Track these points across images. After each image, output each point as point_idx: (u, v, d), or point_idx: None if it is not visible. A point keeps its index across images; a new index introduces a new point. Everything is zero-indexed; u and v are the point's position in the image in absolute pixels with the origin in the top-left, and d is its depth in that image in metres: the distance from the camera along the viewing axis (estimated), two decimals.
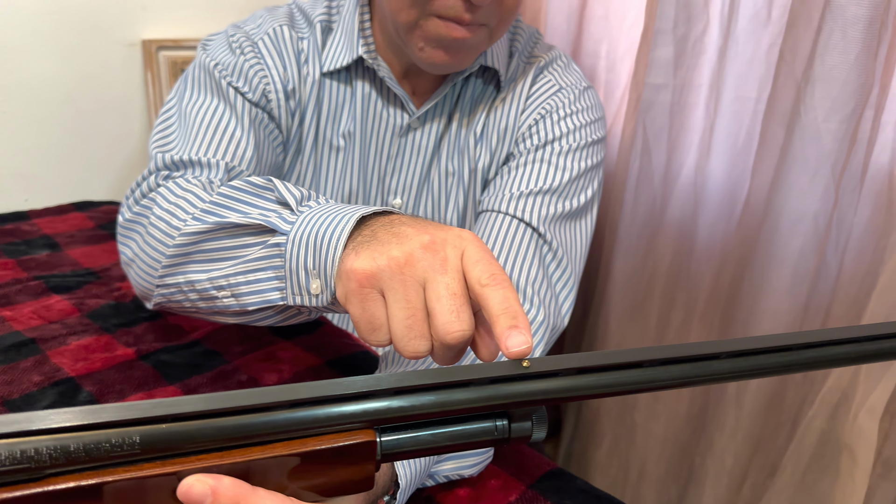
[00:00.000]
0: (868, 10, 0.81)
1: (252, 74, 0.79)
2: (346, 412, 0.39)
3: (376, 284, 0.46)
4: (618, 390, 0.44)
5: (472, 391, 0.41)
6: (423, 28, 0.74)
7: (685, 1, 0.96)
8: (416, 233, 0.47)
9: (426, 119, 0.85)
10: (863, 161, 0.89)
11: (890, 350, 0.50)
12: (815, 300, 0.94)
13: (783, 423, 0.99)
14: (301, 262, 0.52)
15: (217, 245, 0.60)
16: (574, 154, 0.81)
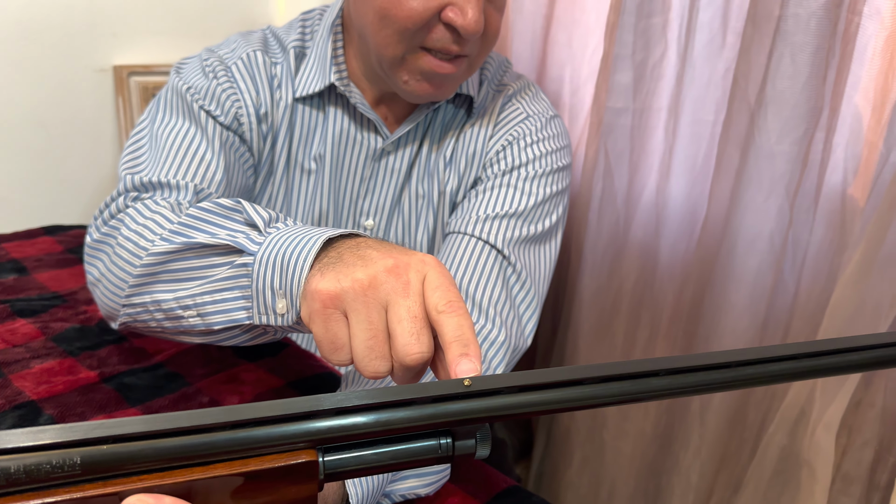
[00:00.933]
0: (815, 36, 0.84)
1: (224, 98, 0.80)
2: (287, 432, 0.39)
3: (340, 305, 0.47)
4: (559, 407, 0.45)
5: (415, 410, 0.42)
6: (409, 62, 0.76)
7: (643, 27, 0.99)
8: (381, 256, 0.49)
9: (399, 144, 0.86)
10: (816, 181, 0.91)
11: (826, 367, 0.52)
12: (774, 317, 0.96)
13: (746, 439, 1.01)
14: (268, 281, 0.54)
15: (184, 265, 0.61)
16: (540, 180, 0.83)
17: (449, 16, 0.71)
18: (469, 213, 0.82)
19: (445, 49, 0.74)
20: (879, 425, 0.91)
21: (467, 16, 0.70)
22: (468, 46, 0.74)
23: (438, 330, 0.45)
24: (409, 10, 0.71)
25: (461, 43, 0.73)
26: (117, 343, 0.86)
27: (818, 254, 0.93)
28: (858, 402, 0.92)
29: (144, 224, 0.66)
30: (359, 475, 0.43)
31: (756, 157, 0.89)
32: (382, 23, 0.74)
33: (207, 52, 0.85)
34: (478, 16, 0.70)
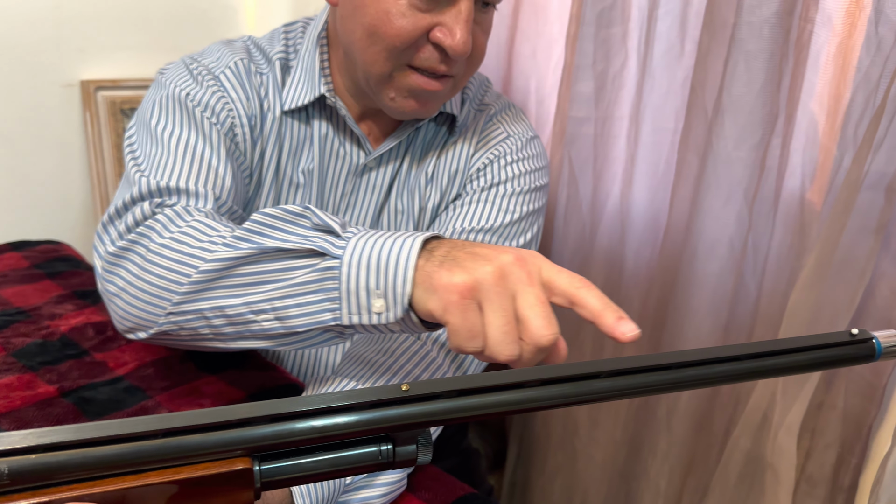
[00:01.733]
0: (768, 43, 0.86)
1: (220, 107, 0.79)
2: (221, 440, 0.39)
3: (476, 296, 0.51)
4: (499, 411, 0.46)
5: (352, 416, 0.42)
6: (396, 80, 0.76)
7: (603, 37, 1.00)
8: (496, 251, 0.54)
9: (382, 160, 0.86)
10: (774, 186, 0.92)
11: (768, 368, 0.52)
12: (737, 321, 0.97)
13: (712, 444, 1.01)
14: (361, 283, 0.56)
15: (256, 269, 0.61)
16: (517, 198, 0.84)
17: (437, 36, 0.71)
18: (447, 226, 0.83)
19: (433, 68, 0.74)
20: (841, 427, 0.92)
21: (455, 37, 0.71)
22: (455, 67, 0.75)
23: (582, 304, 0.51)
24: (398, 28, 0.72)
25: (448, 63, 0.74)
26: (79, 358, 0.86)
27: (778, 258, 0.95)
28: (820, 405, 0.93)
29: (188, 231, 0.65)
30: (297, 483, 0.43)
31: (714, 163, 0.91)
32: (371, 40, 0.74)
33: (191, 59, 0.84)
34: (466, 37, 0.71)
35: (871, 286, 0.87)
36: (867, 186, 0.81)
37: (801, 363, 0.54)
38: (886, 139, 0.79)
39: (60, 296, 1.03)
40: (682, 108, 0.99)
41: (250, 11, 1.52)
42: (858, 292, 0.84)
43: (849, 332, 0.54)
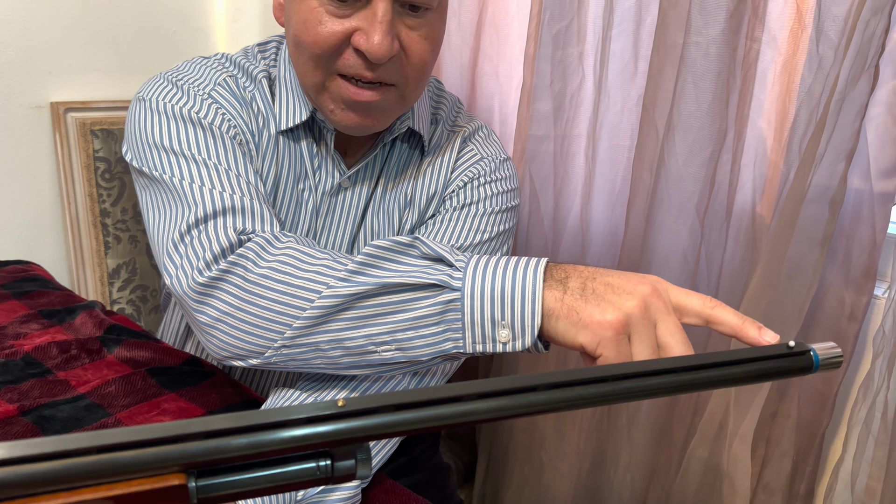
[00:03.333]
0: (715, 62, 0.89)
1: (225, 124, 0.79)
2: (155, 456, 0.40)
3: (626, 330, 0.55)
4: (436, 424, 0.47)
5: (287, 432, 0.43)
6: (330, 90, 0.76)
7: (560, 57, 1.03)
8: (630, 282, 0.57)
9: (356, 179, 0.87)
10: (725, 201, 0.95)
11: (705, 381, 0.53)
12: (693, 332, 0.99)
13: (672, 455, 1.03)
14: (486, 315, 0.59)
15: (375, 302, 0.62)
16: (489, 217, 0.86)
17: (356, 40, 0.72)
18: None
19: (359, 75, 0.74)
20: (796, 436, 0.94)
21: (373, 40, 0.70)
22: (382, 72, 0.74)
23: (720, 321, 0.55)
24: (316, 35, 0.72)
25: (373, 68, 0.73)
26: (41, 377, 0.86)
27: (732, 270, 0.97)
28: (774, 414, 0.95)
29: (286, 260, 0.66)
30: (235, 499, 0.44)
31: (666, 179, 0.93)
32: (298, 50, 0.75)
33: (174, 77, 0.82)
34: (382, 39, 0.70)
35: (818, 297, 0.89)
36: (811, 200, 0.84)
37: (737, 376, 0.55)
38: (827, 154, 0.82)
39: (26, 315, 1.04)
40: (636, 126, 1.01)
41: (221, 33, 1.54)
42: (806, 303, 0.87)
43: (786, 345, 0.56)
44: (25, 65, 1.27)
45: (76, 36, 1.31)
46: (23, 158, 1.30)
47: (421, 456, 1.11)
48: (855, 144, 0.81)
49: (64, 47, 1.30)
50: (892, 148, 0.84)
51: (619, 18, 0.98)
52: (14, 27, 1.24)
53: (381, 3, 0.70)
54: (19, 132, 1.28)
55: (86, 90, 1.34)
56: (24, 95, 1.28)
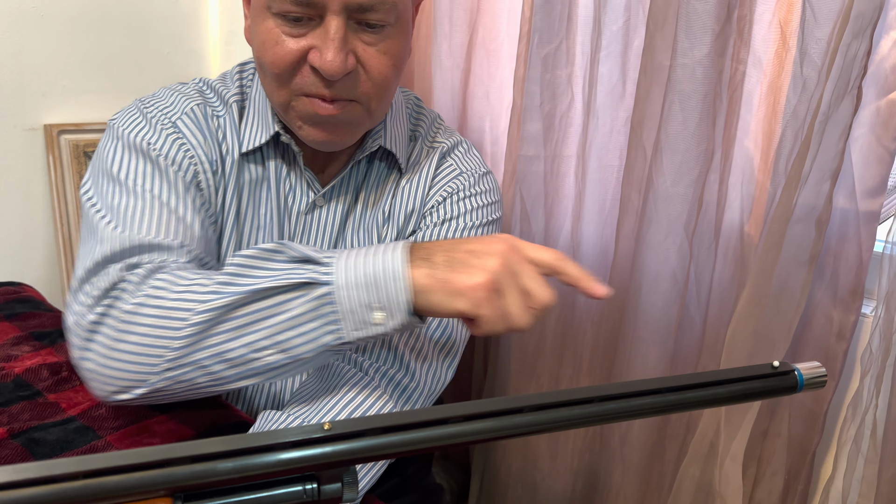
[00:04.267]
0: (702, 84, 0.90)
1: (181, 156, 0.80)
2: (142, 480, 0.41)
3: (496, 287, 0.61)
4: (422, 447, 0.47)
5: (274, 455, 0.44)
6: (295, 108, 0.77)
7: (549, 79, 1.04)
8: (486, 244, 0.63)
9: (331, 197, 0.87)
10: (714, 221, 0.96)
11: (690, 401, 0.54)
12: (683, 351, 0.99)
13: (664, 473, 1.03)
14: (360, 301, 0.63)
15: (249, 310, 0.63)
16: (471, 232, 0.86)
17: (311, 58, 0.73)
18: None
19: (318, 94, 0.75)
20: (787, 454, 0.94)
21: (326, 57, 0.71)
22: (340, 89, 0.75)
23: (564, 272, 0.62)
24: (273, 55, 0.74)
25: (330, 86, 0.74)
26: (31, 399, 0.86)
27: (721, 289, 0.98)
28: (765, 433, 0.95)
29: (159, 285, 0.66)
30: None
31: (654, 199, 0.94)
32: (262, 70, 0.77)
33: (144, 105, 0.84)
34: (334, 56, 0.71)
35: (806, 316, 0.90)
36: (798, 219, 0.85)
37: (722, 395, 0.56)
38: (812, 174, 0.83)
39: (17, 337, 1.04)
40: (625, 147, 1.02)
41: (214, 55, 1.55)
42: (794, 322, 0.87)
43: (770, 365, 0.56)
44: (19, 87, 1.28)
45: (70, 59, 1.32)
46: (16, 180, 1.30)
47: (413, 477, 1.10)
48: (840, 164, 0.82)
49: (57, 70, 1.31)
50: (877, 167, 0.85)
51: (606, 41, 1.00)
52: (8, 50, 1.25)
53: (333, 21, 0.71)
54: (13, 154, 1.29)
55: (79, 112, 1.35)
56: (18, 117, 1.29)
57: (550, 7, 1.01)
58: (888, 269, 0.85)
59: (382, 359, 0.78)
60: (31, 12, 1.26)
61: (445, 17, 1.18)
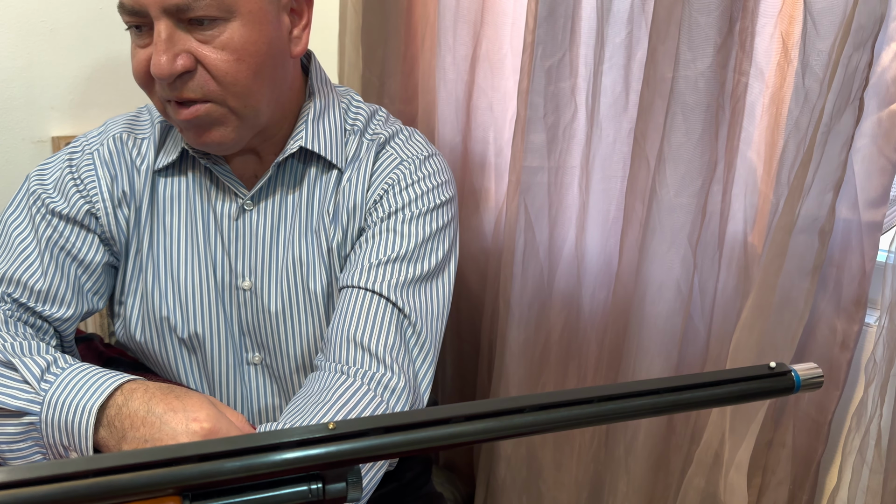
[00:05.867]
0: (704, 96, 0.90)
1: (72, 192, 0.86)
2: (151, 479, 0.41)
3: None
4: (425, 447, 0.48)
5: (279, 455, 0.44)
6: (170, 115, 0.81)
7: (553, 91, 1.05)
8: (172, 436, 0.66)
9: (259, 200, 0.88)
10: (717, 231, 0.96)
11: (688, 401, 0.55)
12: (687, 361, 1.00)
13: (669, 484, 1.03)
14: (57, 440, 0.69)
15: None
16: (419, 220, 0.86)
17: (150, 64, 0.76)
18: (355, 265, 0.84)
19: (169, 97, 0.78)
20: (791, 464, 0.94)
21: (152, 61, 0.75)
22: (184, 90, 0.76)
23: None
24: (133, 67, 0.79)
25: (173, 89, 0.76)
26: None
27: (725, 300, 0.98)
28: (770, 443, 0.95)
29: None
30: None
31: (658, 209, 0.94)
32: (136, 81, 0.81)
33: (74, 143, 0.90)
34: (158, 59, 0.74)
35: (810, 326, 0.90)
36: (801, 229, 0.85)
37: (720, 396, 0.56)
38: (815, 184, 0.83)
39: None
40: (628, 157, 1.03)
41: None
42: (798, 332, 0.87)
43: (767, 366, 0.57)
44: (28, 100, 1.30)
45: (77, 72, 1.34)
46: None
47: (412, 483, 1.10)
48: (842, 175, 0.83)
49: (65, 83, 1.33)
50: (879, 178, 0.85)
51: (609, 53, 1.01)
52: (17, 63, 1.27)
53: (158, 25, 0.74)
54: (21, 166, 1.30)
55: (86, 125, 1.36)
56: (27, 130, 1.31)
57: (554, 20, 1.02)
58: (891, 278, 0.85)
59: (361, 362, 0.78)
60: (41, 26, 1.28)
61: (449, 31, 1.19)
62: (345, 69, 1.43)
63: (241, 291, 0.88)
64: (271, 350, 0.89)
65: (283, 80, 0.84)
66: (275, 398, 0.92)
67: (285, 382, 0.91)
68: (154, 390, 0.69)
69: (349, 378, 0.77)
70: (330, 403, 0.74)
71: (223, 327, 0.89)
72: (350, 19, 1.37)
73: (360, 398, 0.75)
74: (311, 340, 0.89)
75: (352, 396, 0.75)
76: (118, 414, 0.68)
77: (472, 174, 1.26)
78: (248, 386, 0.91)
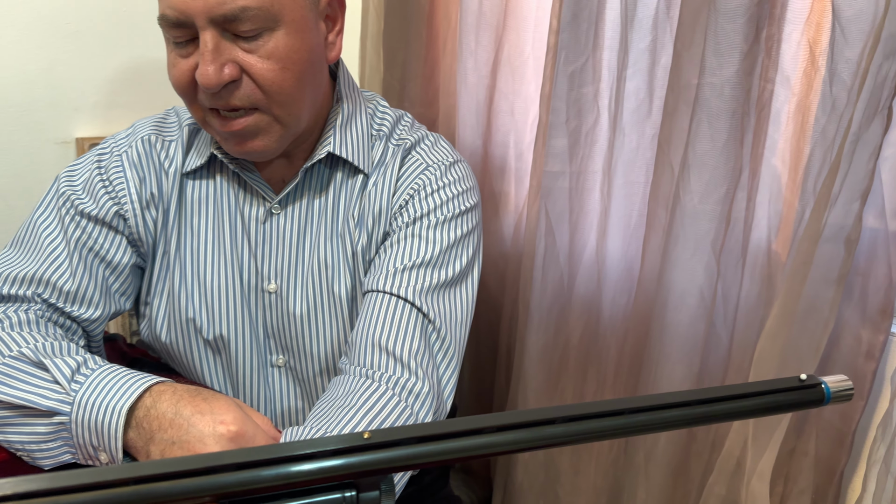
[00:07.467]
0: (730, 102, 0.90)
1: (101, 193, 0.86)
2: (190, 487, 0.41)
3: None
4: (457, 456, 0.48)
5: (315, 463, 0.44)
6: (210, 124, 0.81)
7: (575, 96, 1.05)
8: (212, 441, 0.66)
9: (286, 204, 0.89)
10: (741, 239, 0.96)
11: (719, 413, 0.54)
12: (709, 369, 0.99)
13: (689, 491, 1.03)
14: (87, 440, 0.69)
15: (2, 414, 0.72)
16: (444, 226, 0.86)
17: (196, 75, 0.76)
18: (380, 270, 0.85)
19: (213, 106, 0.78)
20: (814, 473, 0.94)
21: (199, 70, 0.75)
22: (231, 99, 0.77)
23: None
24: (174, 78, 0.79)
25: (220, 98, 0.77)
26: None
27: (748, 307, 0.97)
28: (792, 451, 0.94)
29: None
30: None
31: (681, 216, 0.94)
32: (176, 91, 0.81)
33: (102, 144, 0.91)
34: (205, 69, 0.74)
35: (835, 335, 0.90)
36: (826, 238, 0.85)
37: (750, 408, 0.56)
38: (842, 193, 0.83)
39: None
40: (651, 163, 1.02)
41: None
42: (823, 341, 0.87)
43: (798, 378, 0.56)
44: (52, 102, 1.31)
45: (100, 74, 1.35)
46: None
47: (430, 487, 1.11)
48: (870, 184, 0.82)
49: (88, 85, 1.34)
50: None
51: (633, 59, 1.00)
52: (41, 66, 1.28)
53: (204, 35, 0.75)
54: (46, 166, 1.32)
55: (109, 126, 1.37)
56: (51, 131, 1.32)
57: (577, 24, 1.02)
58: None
59: (386, 366, 0.79)
60: (65, 28, 1.29)
61: (471, 34, 1.19)
62: (366, 72, 1.43)
63: (266, 294, 0.89)
64: (295, 353, 0.90)
65: (320, 87, 0.85)
66: (298, 401, 0.93)
67: (308, 385, 0.92)
68: (182, 392, 0.70)
69: (374, 382, 0.77)
70: (356, 408, 0.74)
71: (248, 329, 0.89)
72: (371, 23, 1.37)
73: (386, 403, 0.75)
74: (334, 343, 0.89)
75: (377, 401, 0.75)
76: (146, 416, 0.68)
77: (492, 178, 1.26)
78: (271, 388, 0.92)
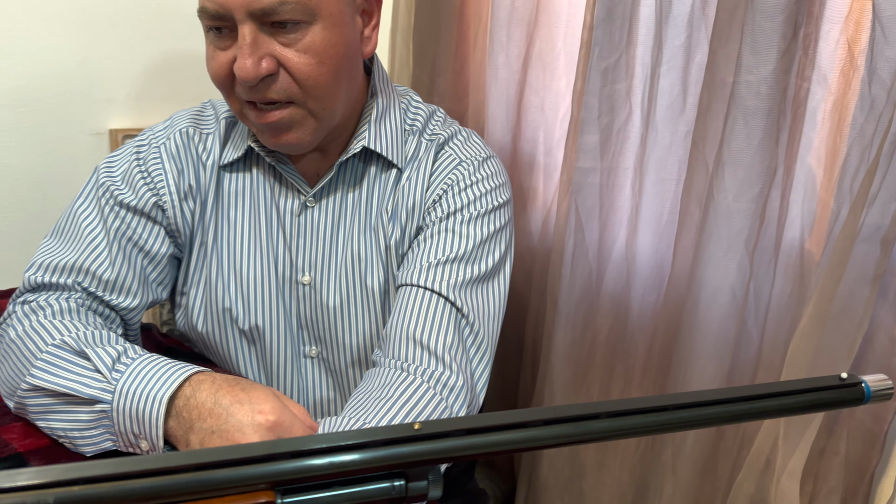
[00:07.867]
0: (766, 101, 0.90)
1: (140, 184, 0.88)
2: (247, 474, 0.42)
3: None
4: (504, 449, 0.49)
5: (367, 453, 0.45)
6: (247, 116, 0.82)
7: (608, 93, 1.05)
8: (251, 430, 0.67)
9: (321, 198, 0.90)
10: (774, 237, 0.95)
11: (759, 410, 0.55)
12: (739, 367, 0.99)
13: (717, 488, 1.03)
14: (128, 428, 0.71)
15: (45, 401, 0.74)
16: (477, 221, 0.87)
17: (234, 68, 0.77)
18: (414, 264, 0.86)
19: (250, 99, 0.79)
20: (844, 473, 0.93)
21: (237, 64, 0.76)
22: (267, 92, 0.78)
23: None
24: (212, 69, 0.80)
25: (257, 91, 0.78)
26: None
27: (780, 306, 0.97)
28: (822, 450, 0.94)
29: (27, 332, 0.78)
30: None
31: (715, 214, 0.94)
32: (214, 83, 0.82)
33: (141, 135, 0.93)
34: (242, 62, 0.75)
35: (869, 335, 0.89)
36: (863, 238, 0.84)
37: (790, 405, 0.56)
38: (880, 193, 0.82)
39: None
40: (684, 161, 1.02)
41: None
42: (857, 341, 0.87)
43: (838, 377, 0.57)
44: (86, 93, 1.33)
45: (133, 66, 1.36)
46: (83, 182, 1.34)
47: (457, 480, 1.12)
48: None
49: (122, 77, 1.36)
50: None
51: (668, 55, 1.00)
52: (75, 58, 1.30)
53: (242, 28, 0.75)
54: (80, 157, 1.34)
55: (142, 118, 1.39)
56: (85, 122, 1.34)
57: (611, 20, 1.02)
58: None
59: (421, 359, 0.79)
60: (101, 20, 1.31)
61: (503, 30, 1.19)
62: (395, 67, 1.44)
63: (300, 286, 0.90)
64: (328, 344, 0.91)
65: (355, 81, 0.86)
66: (330, 391, 0.94)
67: (341, 376, 0.93)
68: (221, 382, 0.71)
69: (409, 375, 0.78)
70: (392, 400, 0.75)
71: (282, 320, 0.90)
72: (402, 17, 1.38)
73: (422, 395, 0.76)
74: (367, 335, 0.90)
75: (413, 394, 0.76)
76: (186, 405, 0.70)
77: (521, 173, 1.26)
78: (304, 378, 0.93)
